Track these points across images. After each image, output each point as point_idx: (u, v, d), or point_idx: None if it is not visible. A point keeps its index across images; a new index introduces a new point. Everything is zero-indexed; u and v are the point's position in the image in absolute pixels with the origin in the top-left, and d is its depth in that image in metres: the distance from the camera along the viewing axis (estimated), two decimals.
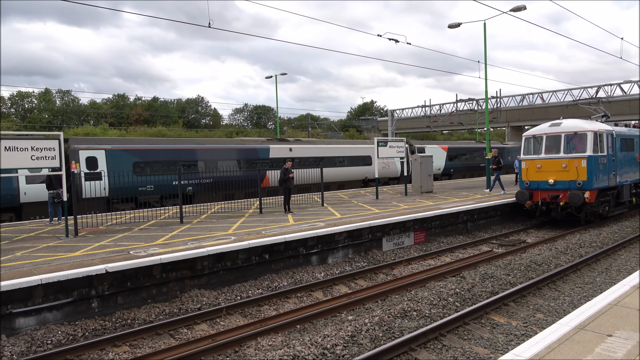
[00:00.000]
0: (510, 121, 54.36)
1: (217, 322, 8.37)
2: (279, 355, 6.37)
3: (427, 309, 8.23)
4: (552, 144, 16.68)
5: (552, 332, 5.14)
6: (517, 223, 18.16)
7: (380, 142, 19.26)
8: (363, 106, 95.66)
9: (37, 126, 57.36)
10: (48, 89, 69.60)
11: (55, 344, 7.40)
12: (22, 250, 10.11)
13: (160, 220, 14.51)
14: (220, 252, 9.93)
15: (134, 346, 7.37)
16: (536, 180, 16.83)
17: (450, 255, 13.27)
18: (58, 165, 11.35)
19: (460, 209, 15.80)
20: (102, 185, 17.57)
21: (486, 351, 6.79)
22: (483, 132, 46.19)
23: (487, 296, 9.07)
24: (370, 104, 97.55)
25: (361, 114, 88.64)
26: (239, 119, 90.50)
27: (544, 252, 12.56)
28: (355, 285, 10.55)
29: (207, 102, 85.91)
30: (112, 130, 56.31)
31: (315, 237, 11.64)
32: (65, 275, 8.00)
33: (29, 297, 7.74)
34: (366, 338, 7.02)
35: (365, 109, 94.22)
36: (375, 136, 50.26)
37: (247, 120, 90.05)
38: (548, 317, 8.13)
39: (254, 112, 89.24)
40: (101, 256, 9.29)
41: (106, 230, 12.86)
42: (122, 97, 76.63)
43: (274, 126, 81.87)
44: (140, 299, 8.98)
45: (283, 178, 15.63)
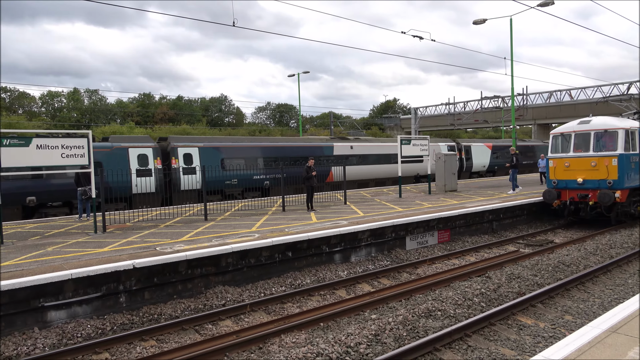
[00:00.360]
0: (537, 119, 53.25)
1: (241, 318, 8.45)
2: (303, 352, 6.39)
3: (452, 308, 8.14)
4: (581, 142, 16.28)
5: (583, 335, 5.01)
6: (545, 223, 17.79)
7: (403, 140, 19.12)
8: (386, 104, 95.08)
9: (66, 125, 58.88)
10: (77, 88, 71.41)
11: (85, 337, 7.59)
12: (53, 246, 10.39)
13: (185, 217, 14.73)
14: (244, 249, 10.01)
15: (161, 341, 7.50)
16: (564, 179, 16.45)
17: (475, 255, 13.09)
18: (87, 162, 11.62)
19: (486, 208, 15.56)
20: (197, 179, 19.79)
21: (513, 353, 6.68)
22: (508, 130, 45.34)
23: (513, 297, 8.92)
24: (393, 101, 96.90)
25: (384, 112, 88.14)
26: (262, 118, 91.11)
27: (573, 253, 12.27)
28: (378, 284, 10.50)
29: (230, 101, 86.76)
30: (138, 128, 57.38)
31: (338, 235, 11.63)
32: (94, 270, 8.20)
33: (60, 291, 7.96)
34: (390, 337, 6.99)
35: (388, 106, 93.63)
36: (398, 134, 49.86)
37: (270, 119, 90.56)
38: (577, 319, 7.94)
39: (277, 111, 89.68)
40: (128, 252, 9.48)
41: (133, 226, 13.12)
42: (148, 96, 78.00)
43: (296, 124, 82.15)
44: (166, 295, 9.14)
45: (306, 176, 15.66)
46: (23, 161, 10.76)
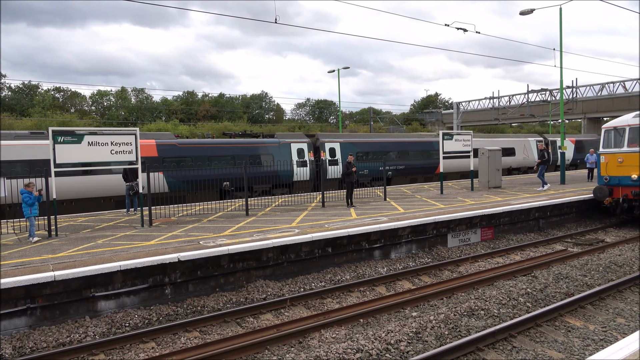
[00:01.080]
0: (587, 112, 50.91)
1: (281, 312, 8.54)
2: (343, 348, 6.39)
3: (496, 308, 7.93)
4: (636, 137, 15.43)
5: (637, 339, 4.75)
6: (595, 221, 17.02)
7: (445, 135, 18.74)
8: (427, 99, 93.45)
9: (114, 122, 61.26)
10: (124, 87, 74.15)
11: (132, 326, 7.89)
12: (103, 239, 10.85)
13: (227, 212, 15.02)
14: (284, 244, 10.11)
15: (204, 332, 7.70)
16: (617, 175, 15.66)
17: (521, 254, 12.68)
18: (134, 158, 12.05)
19: (532, 205, 15.04)
20: (338, 169, 23.62)
21: (561, 355, 6.43)
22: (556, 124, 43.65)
23: (561, 297, 8.59)
24: (435, 96, 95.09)
25: (425, 107, 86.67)
26: (301, 114, 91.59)
27: (626, 253, 11.68)
28: (419, 282, 10.36)
29: (270, 98, 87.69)
30: (182, 126, 58.97)
31: (378, 231, 11.55)
32: (141, 262, 8.50)
33: (110, 282, 8.31)
34: (431, 335, 6.88)
35: (429, 101, 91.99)
36: (439, 129, 48.92)
37: (309, 115, 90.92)
38: (630, 323, 7.56)
39: (316, 107, 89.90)
40: (174, 245, 9.77)
41: (177, 221, 13.51)
42: (191, 94, 79.98)
43: (335, 120, 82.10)
44: (209, 288, 9.36)
45: (346, 172, 15.62)
46: (75, 157, 11.28)
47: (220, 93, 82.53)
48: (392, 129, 63.68)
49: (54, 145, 10.91)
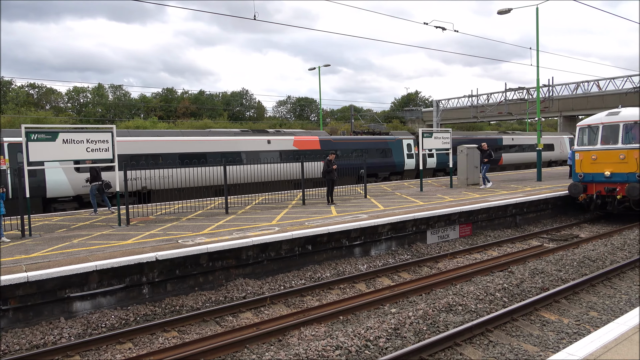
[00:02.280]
0: (563, 111, 52.00)
1: (261, 311, 8.51)
2: (322, 345, 6.40)
3: (473, 303, 8.04)
4: (609, 134, 15.82)
5: (609, 332, 4.89)
6: (570, 217, 17.40)
7: (424, 133, 18.91)
8: (407, 97, 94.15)
9: (91, 120, 60.11)
10: (101, 84, 72.77)
11: (109, 327, 7.76)
12: (79, 238, 10.64)
13: (207, 211, 14.89)
14: (264, 242, 10.07)
15: (182, 332, 7.62)
16: (591, 172, 16.04)
17: (498, 250, 12.89)
18: (111, 157, 11.84)
19: (509, 201, 15.29)
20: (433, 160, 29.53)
21: (536, 349, 6.56)
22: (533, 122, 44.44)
23: (536, 292, 8.76)
24: (415, 94, 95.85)
25: (405, 105, 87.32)
26: (282, 111, 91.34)
27: (599, 248, 11.97)
28: (398, 278, 10.44)
29: (251, 95, 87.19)
30: (161, 123, 58.20)
31: (358, 228, 11.60)
32: (118, 262, 8.36)
33: (85, 282, 8.15)
34: (410, 331, 6.94)
35: (410, 99, 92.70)
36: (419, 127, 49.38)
37: (290, 112, 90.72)
38: (603, 316, 7.75)
39: (297, 104, 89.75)
40: (151, 244, 9.64)
41: (156, 219, 13.33)
42: (170, 91, 78.98)
43: (316, 118, 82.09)
44: (188, 287, 9.27)
45: (327, 170, 15.62)
46: (50, 155, 11.04)
47: (200, 90, 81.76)
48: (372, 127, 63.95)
49: (27, 143, 10.66)
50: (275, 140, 23.13)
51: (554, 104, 41.48)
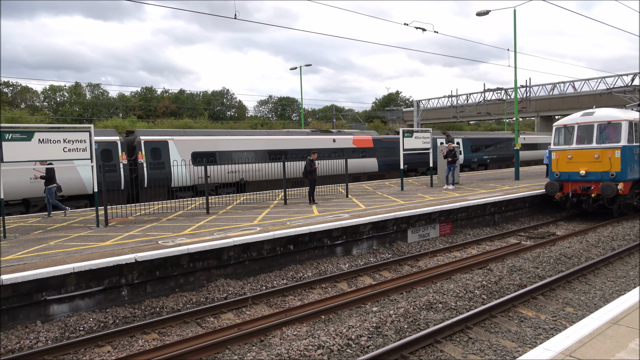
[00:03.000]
0: (540, 111, 53.02)
1: (243, 311, 8.48)
2: (304, 345, 6.41)
3: (453, 301, 8.15)
4: (584, 134, 16.20)
5: (584, 327, 5.01)
6: (547, 215, 17.76)
7: (405, 132, 19.06)
8: (388, 97, 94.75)
9: (68, 119, 58.93)
10: (78, 82, 71.39)
11: (87, 330, 7.63)
12: (56, 240, 10.43)
13: (188, 211, 14.75)
14: (245, 242, 10.03)
15: (163, 334, 7.54)
16: (567, 171, 16.40)
17: (477, 248, 13.08)
18: (89, 157, 11.63)
19: (488, 200, 15.53)
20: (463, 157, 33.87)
21: (514, 345, 6.68)
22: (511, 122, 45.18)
23: (514, 289, 8.92)
24: (395, 94, 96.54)
25: (386, 105, 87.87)
26: (264, 111, 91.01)
27: (575, 245, 12.25)
28: (379, 277, 10.52)
29: (232, 94, 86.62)
30: (140, 122, 57.41)
31: (339, 228, 11.63)
32: (96, 264, 8.23)
33: (62, 285, 8.00)
34: (391, 329, 7.00)
35: (390, 99, 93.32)
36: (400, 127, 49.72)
37: (272, 112, 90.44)
38: (578, 311, 7.94)
39: (279, 104, 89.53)
40: (130, 246, 9.51)
41: (135, 220, 13.15)
42: (150, 90, 77.96)
43: (298, 118, 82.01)
44: (168, 288, 9.18)
45: (309, 170, 15.62)
46: (25, 155, 10.79)
47: (180, 89, 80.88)
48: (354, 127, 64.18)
49: (0, 142, 10.40)
50: (339, 139, 26.57)
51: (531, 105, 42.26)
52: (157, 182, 18.79)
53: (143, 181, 18.82)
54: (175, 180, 19.73)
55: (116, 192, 17.68)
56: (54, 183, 13.90)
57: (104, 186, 12.03)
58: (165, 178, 19.33)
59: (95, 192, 12.27)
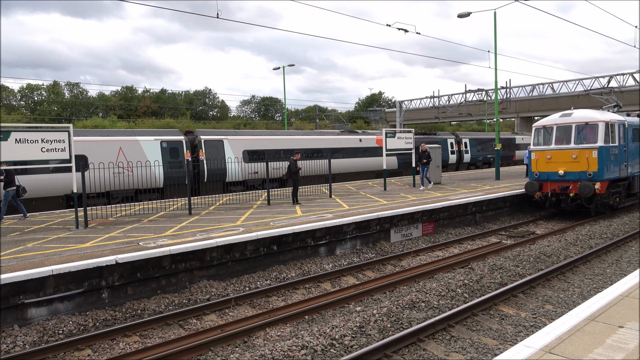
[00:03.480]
0: (520, 112, 53.86)
1: (226, 312, 8.42)
2: (288, 345, 6.40)
3: (436, 300, 8.22)
4: (562, 135, 16.51)
5: (563, 324, 5.11)
6: (527, 214, 18.04)
7: (388, 133, 19.17)
8: (371, 97, 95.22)
9: (46, 118, 57.78)
10: (57, 81, 70.05)
11: (66, 333, 7.49)
12: (34, 242, 10.22)
13: (169, 212, 14.60)
14: (228, 243, 9.97)
15: (144, 336, 7.45)
16: (546, 171, 16.68)
17: (459, 247, 13.23)
18: (68, 157, 11.42)
19: (469, 200, 15.72)
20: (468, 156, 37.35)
21: (495, 342, 6.78)
22: (492, 123, 45.83)
23: (495, 287, 9.04)
24: (378, 95, 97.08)
25: (369, 105, 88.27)
26: (247, 111, 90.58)
27: (554, 244, 12.48)
28: (363, 277, 10.55)
29: (214, 94, 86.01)
30: (121, 122, 56.61)
31: (323, 228, 11.64)
32: (76, 266, 8.08)
33: (41, 288, 7.84)
34: (374, 329, 7.03)
35: (373, 100, 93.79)
36: (383, 127, 49.99)
37: (255, 112, 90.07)
38: (557, 309, 8.09)
39: (262, 104, 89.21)
40: (111, 247, 9.37)
41: (116, 221, 12.96)
42: (130, 89, 76.92)
43: (281, 118, 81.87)
44: (150, 290, 9.06)
45: (293, 170, 15.58)
46: (1, 155, 10.54)
47: (161, 89, 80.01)
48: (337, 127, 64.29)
49: None
50: (364, 139, 29.26)
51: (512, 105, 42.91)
52: (214, 177, 21.35)
53: (203, 176, 20.99)
54: (230, 176, 21.97)
55: (181, 186, 19.17)
56: (13, 186, 13.41)
57: (84, 187, 11.82)
58: (221, 173, 21.68)
59: (75, 193, 12.05)
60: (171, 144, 20.35)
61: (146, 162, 15.57)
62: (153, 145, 19.94)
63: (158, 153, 19.92)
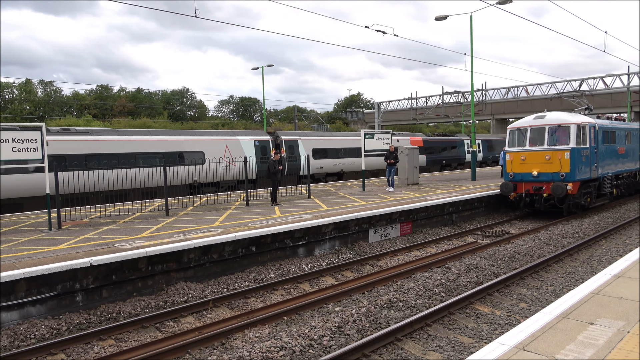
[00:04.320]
0: (495, 114, 54.85)
1: (203, 314, 8.34)
2: (266, 346, 6.38)
3: (413, 299, 8.31)
4: (536, 136, 16.87)
5: (536, 321, 5.22)
6: (502, 214, 18.38)
7: (366, 134, 19.29)
8: (350, 98, 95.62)
9: (17, 117, 56.24)
10: (29, 79, 68.21)
11: (39, 338, 7.31)
12: (4, 244, 9.94)
13: (146, 213, 14.38)
14: (206, 244, 9.88)
15: (120, 340, 7.32)
16: (520, 172, 17.02)
17: (436, 247, 13.39)
18: (40, 157, 11.15)
19: (446, 200, 15.93)
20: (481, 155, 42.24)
21: (471, 340, 6.89)
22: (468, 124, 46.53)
23: (471, 286, 9.19)
24: (357, 96, 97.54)
25: (348, 106, 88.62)
26: (225, 111, 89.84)
27: (528, 243, 12.74)
28: (342, 277, 10.59)
29: (192, 94, 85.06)
30: (96, 121, 55.51)
31: (302, 229, 11.64)
32: (48, 268, 7.89)
33: (12, 291, 7.63)
34: (353, 329, 7.07)
35: (352, 101, 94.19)
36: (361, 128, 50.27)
37: (233, 112, 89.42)
38: (531, 307, 8.27)
39: (240, 104, 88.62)
40: (85, 249, 9.18)
41: (90, 223, 12.71)
42: (106, 88, 75.47)
43: (260, 118, 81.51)
44: (125, 292, 8.91)
45: (272, 171, 15.53)
46: None
47: (138, 88, 78.69)
48: (316, 127, 64.36)
49: None
50: (401, 139, 31.99)
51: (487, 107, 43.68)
52: (291, 171, 24.63)
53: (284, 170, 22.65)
54: (303, 170, 24.89)
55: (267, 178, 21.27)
56: None
57: (57, 188, 11.54)
58: (297, 168, 25.34)
59: (47, 194, 11.76)
60: (262, 142, 24.27)
61: (245, 157, 16.81)
62: (249, 144, 23.77)
63: (252, 150, 23.60)
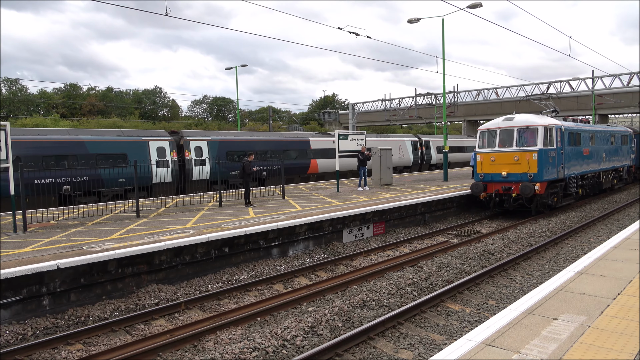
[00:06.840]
0: (467, 115, 55.87)
1: (175, 317, 8.24)
2: (239, 348, 6.35)
3: (386, 298, 8.40)
4: (505, 138, 17.28)
5: (502, 317, 5.37)
6: (472, 214, 18.74)
7: (340, 135, 19.38)
8: (325, 99, 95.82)
9: None
10: None
11: (2, 344, 7.08)
12: None
13: (116, 215, 14.10)
14: (178, 246, 9.76)
15: (88, 344, 7.16)
16: (490, 172, 17.40)
17: (409, 246, 13.57)
18: (5, 157, 10.80)
19: (419, 200, 16.15)
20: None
21: (442, 337, 7.02)
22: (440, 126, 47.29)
23: (443, 285, 9.35)
24: (332, 97, 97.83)
25: (323, 107, 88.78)
26: (198, 111, 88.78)
27: (497, 242, 13.04)
28: (315, 277, 10.62)
29: (165, 93, 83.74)
30: (64, 121, 54.05)
31: (276, 229, 11.62)
32: (12, 272, 7.66)
33: None
34: (326, 328, 7.10)
35: (327, 102, 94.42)
36: (336, 129, 50.45)
37: (207, 112, 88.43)
38: (500, 304, 8.47)
39: (214, 104, 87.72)
40: (52, 252, 8.94)
41: (57, 225, 12.38)
42: (75, 87, 73.55)
43: (234, 118, 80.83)
44: (94, 296, 8.72)
45: (248, 172, 15.44)
46: None
47: (108, 87, 76.97)
48: (291, 128, 64.26)
49: None
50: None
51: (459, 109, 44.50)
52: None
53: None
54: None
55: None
56: None
57: (22, 189, 11.20)
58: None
59: (12, 195, 11.39)
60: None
61: None
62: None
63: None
